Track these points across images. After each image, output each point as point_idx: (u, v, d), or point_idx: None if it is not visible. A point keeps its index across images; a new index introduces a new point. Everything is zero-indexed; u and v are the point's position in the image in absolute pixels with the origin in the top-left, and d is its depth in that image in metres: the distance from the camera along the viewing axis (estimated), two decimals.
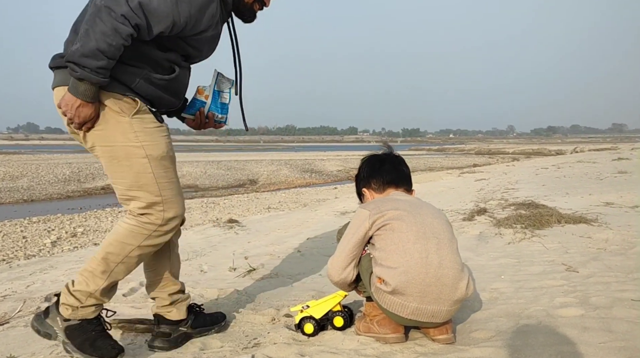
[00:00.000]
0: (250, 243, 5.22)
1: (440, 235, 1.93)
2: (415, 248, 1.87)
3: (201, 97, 2.15)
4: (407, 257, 1.87)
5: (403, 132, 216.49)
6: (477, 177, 14.16)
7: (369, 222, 1.99)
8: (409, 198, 2.14)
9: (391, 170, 2.26)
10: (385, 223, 1.97)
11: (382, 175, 2.25)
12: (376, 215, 1.99)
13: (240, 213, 10.26)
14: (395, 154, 2.38)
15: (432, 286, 1.85)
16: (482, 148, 65.50)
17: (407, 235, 1.90)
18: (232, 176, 21.81)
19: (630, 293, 2.55)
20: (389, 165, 2.28)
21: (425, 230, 1.92)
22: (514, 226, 4.62)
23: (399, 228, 1.93)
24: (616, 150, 31.70)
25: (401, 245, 1.89)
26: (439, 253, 1.88)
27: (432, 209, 2.09)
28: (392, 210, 1.99)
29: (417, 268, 1.85)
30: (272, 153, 52.17)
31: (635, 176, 9.83)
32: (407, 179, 2.29)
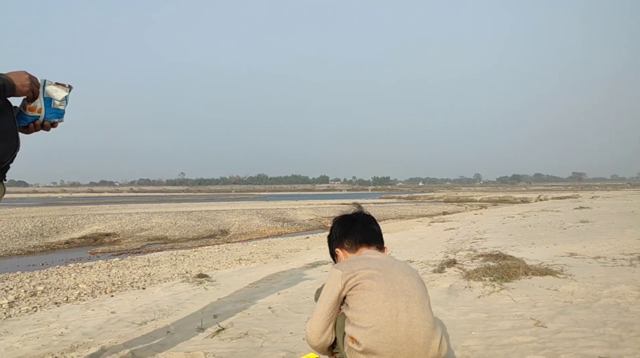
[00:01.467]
0: (219, 299, 5.08)
1: (410, 292, 1.93)
2: (385, 307, 1.87)
3: (33, 112, 2.05)
4: (377, 316, 1.86)
5: (373, 180, 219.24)
6: (447, 226, 14.36)
7: (341, 283, 1.99)
8: (380, 257, 2.16)
9: (362, 230, 2.29)
10: (357, 283, 1.97)
11: (353, 235, 2.27)
12: (348, 275, 2.00)
13: (210, 266, 10.03)
14: (366, 213, 2.41)
15: (403, 345, 1.83)
16: (450, 196, 66.85)
17: (378, 294, 1.90)
18: (203, 227, 21.44)
19: (598, 350, 2.59)
20: (360, 225, 2.31)
21: (395, 288, 1.92)
22: (483, 278, 4.67)
23: (370, 287, 1.93)
24: (577, 198, 32.94)
25: (371, 304, 1.89)
26: (409, 312, 1.87)
27: (404, 267, 2.11)
28: (363, 269, 2.00)
29: (387, 328, 1.84)
30: (243, 202, 51.83)
31: (597, 225, 10.18)
32: (379, 237, 2.32)
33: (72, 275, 9.11)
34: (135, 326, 4.11)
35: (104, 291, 7.18)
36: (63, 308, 5.72)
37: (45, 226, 19.16)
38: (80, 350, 3.39)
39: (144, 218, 23.32)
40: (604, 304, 3.59)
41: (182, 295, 5.52)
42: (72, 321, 4.64)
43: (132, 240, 17.36)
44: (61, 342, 3.78)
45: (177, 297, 5.46)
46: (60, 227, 19.19)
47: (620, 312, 3.35)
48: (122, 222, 21.27)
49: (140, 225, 20.82)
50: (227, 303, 4.74)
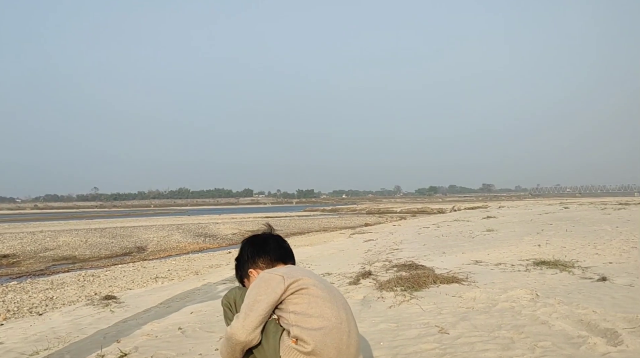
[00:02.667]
0: (126, 322, 4.79)
1: (346, 306, 2.01)
2: (332, 314, 1.91)
3: None
4: (325, 321, 1.89)
5: (298, 193, 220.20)
6: (366, 238, 14.73)
7: (284, 285, 1.95)
8: (302, 268, 2.17)
9: (277, 248, 2.27)
10: (301, 288, 1.94)
11: (269, 253, 2.23)
12: (290, 279, 1.97)
13: (123, 286, 9.46)
14: (276, 233, 2.40)
15: (343, 353, 1.88)
16: (372, 208, 68.79)
17: (324, 301, 1.93)
18: (117, 244, 20.25)
19: (491, 353, 2.75)
20: (273, 243, 2.28)
21: (337, 299, 1.98)
22: (394, 289, 4.81)
23: (316, 294, 1.94)
24: (486, 208, 35.29)
25: (319, 309, 1.91)
26: (349, 322, 1.95)
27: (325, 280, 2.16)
28: (305, 277, 2.00)
29: (334, 333, 1.88)
30: (163, 217, 49.73)
31: (500, 234, 10.94)
32: (292, 256, 2.32)
33: None
34: (24, 357, 3.74)
35: None
36: None
37: None
38: None
39: (49, 237, 21.60)
40: (501, 308, 3.84)
41: (84, 320, 5.14)
42: None
43: (35, 261, 15.93)
44: None
45: (78, 322, 5.06)
46: None
47: (514, 315, 3.60)
48: (23, 241, 19.55)
49: (45, 244, 19.23)
50: (133, 326, 4.47)
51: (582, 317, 3.38)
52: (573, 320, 3.35)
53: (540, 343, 2.85)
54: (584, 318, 3.32)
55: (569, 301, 3.88)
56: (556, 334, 3.02)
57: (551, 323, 3.25)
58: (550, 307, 3.70)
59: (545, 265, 5.83)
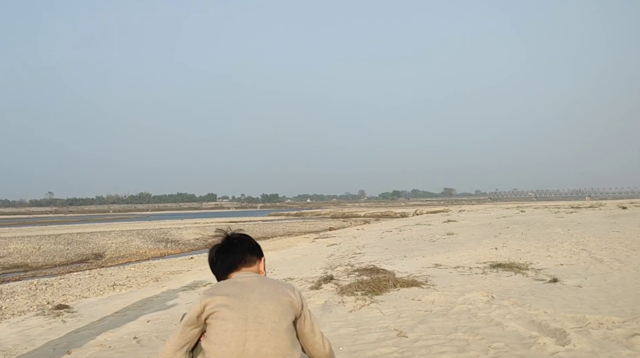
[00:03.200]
0: (78, 332, 4.60)
1: (263, 319, 1.90)
2: (233, 338, 1.83)
3: None
4: (223, 347, 1.82)
5: (262, 197, 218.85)
6: (330, 242, 14.77)
7: (200, 305, 1.93)
8: (247, 280, 2.10)
9: (225, 258, 2.22)
10: (213, 311, 1.92)
11: (217, 267, 2.19)
12: (207, 298, 1.94)
13: (78, 294, 9.12)
14: (231, 237, 2.35)
15: None
16: (337, 212, 69.10)
17: (228, 324, 1.86)
18: (73, 251, 19.53)
19: (447, 355, 2.80)
20: (222, 254, 2.23)
21: (247, 316, 1.89)
22: (355, 293, 4.84)
23: (224, 317, 1.89)
24: (447, 212, 36.11)
25: (220, 335, 1.85)
26: (258, 340, 1.84)
27: (267, 290, 2.06)
28: (222, 295, 1.95)
29: (236, 352, 1.80)
30: (123, 223, 48.33)
31: (460, 237, 11.21)
32: (243, 258, 2.25)
33: None
34: None
35: None
36: None
37: None
38: None
39: None
40: (458, 311, 3.92)
41: (34, 331, 4.91)
42: None
43: None
44: None
45: (27, 333, 4.83)
46: None
47: (470, 317, 3.68)
48: None
49: None
50: (86, 337, 4.31)
51: (534, 317, 3.49)
52: (525, 321, 3.45)
53: (494, 344, 2.93)
54: (536, 319, 3.43)
55: (522, 302, 4.01)
56: (509, 335, 3.11)
57: (505, 325, 3.34)
58: (505, 309, 3.81)
59: (501, 268, 6.01)
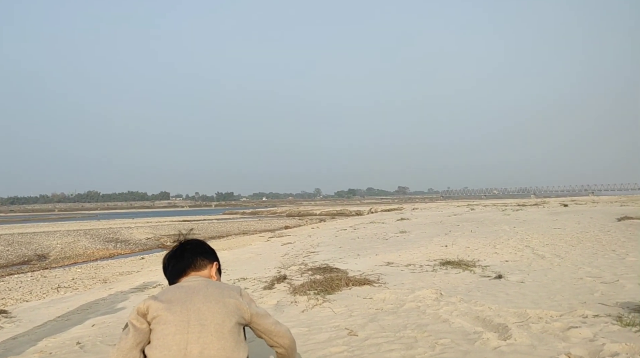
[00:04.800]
0: (16, 338, 4.38)
1: (206, 321, 1.89)
2: (174, 341, 1.82)
3: None
4: (164, 351, 1.81)
5: (217, 196, 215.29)
6: (284, 241, 14.75)
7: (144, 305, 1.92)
8: (193, 284, 2.08)
9: (175, 263, 2.23)
10: (156, 315, 1.91)
11: (168, 272, 2.24)
12: (150, 301, 1.94)
13: (19, 298, 8.68)
14: (184, 243, 2.33)
15: None
16: (292, 210, 69.12)
17: (169, 328, 1.85)
18: (14, 252, 18.58)
19: (396, 353, 2.86)
20: (173, 260, 2.25)
21: (190, 319, 1.88)
22: (308, 293, 4.85)
23: (165, 321, 1.88)
24: (401, 210, 36.87)
25: (162, 339, 1.84)
26: (200, 342, 1.84)
27: (212, 292, 2.04)
28: (165, 300, 1.94)
29: (178, 355, 1.79)
30: (69, 223, 46.35)
31: (412, 235, 11.47)
32: (192, 263, 2.23)
33: None
34: None
35: None
36: None
37: None
38: None
39: None
40: (407, 308, 4.02)
41: None
42: None
43: None
44: None
45: None
46: None
47: (419, 314, 3.78)
48: None
49: None
50: (24, 343, 4.10)
51: (479, 313, 3.62)
52: (471, 317, 3.58)
53: (441, 340, 3.02)
54: (481, 315, 3.57)
55: (469, 299, 4.15)
56: (455, 331, 3.22)
57: (452, 321, 3.46)
58: (452, 305, 3.94)
59: (450, 265, 6.20)
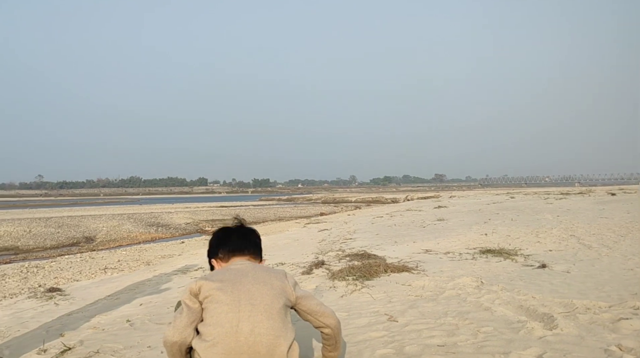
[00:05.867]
0: (71, 315, 4.62)
1: (256, 301, 1.95)
2: (227, 319, 1.88)
3: None
4: (217, 328, 1.87)
5: (254, 182, 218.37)
6: (321, 227, 14.84)
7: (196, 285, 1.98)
8: (241, 267, 2.14)
9: (237, 240, 2.30)
10: (208, 295, 1.97)
11: (227, 244, 2.28)
12: (202, 281, 1.99)
13: (70, 277, 9.12)
14: (247, 226, 2.42)
15: (244, 355, 1.84)
16: (328, 197, 69.32)
17: (222, 307, 1.91)
18: (64, 234, 19.44)
19: (437, 339, 2.85)
20: (235, 235, 2.32)
21: (240, 298, 1.94)
22: (346, 278, 4.88)
23: (218, 300, 1.94)
24: (438, 198, 36.36)
25: (216, 317, 1.90)
26: (251, 320, 1.89)
27: (261, 274, 2.10)
28: (216, 280, 1.99)
29: (227, 339, 1.85)
30: (113, 207, 48.12)
31: (450, 223, 11.31)
32: (254, 247, 2.33)
33: None
34: None
35: None
36: None
37: None
38: None
39: None
40: (448, 296, 3.98)
41: (26, 313, 4.92)
42: None
43: None
44: None
45: (19, 315, 4.84)
46: None
47: (460, 302, 3.74)
48: None
49: None
50: (79, 319, 4.33)
51: (522, 302, 3.55)
52: (514, 306, 3.52)
53: (483, 328, 2.98)
54: (524, 304, 3.50)
55: (511, 288, 4.07)
56: (498, 320, 3.17)
57: (494, 310, 3.40)
58: (494, 294, 3.87)
59: (490, 254, 6.09)
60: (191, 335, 1.94)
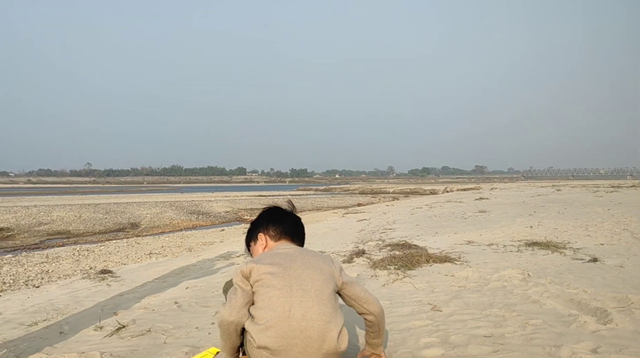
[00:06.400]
0: (122, 295, 4.83)
1: (307, 286, 1.95)
2: (279, 303, 1.90)
3: None
4: (270, 312, 1.89)
5: (291, 172, 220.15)
6: (359, 218, 14.82)
7: (247, 268, 2.01)
8: (289, 251, 2.15)
9: (292, 224, 2.32)
10: (259, 278, 1.99)
11: (282, 224, 2.28)
12: (253, 264, 2.01)
13: (118, 261, 9.51)
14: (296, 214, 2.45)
15: (296, 339, 1.86)
16: (365, 188, 69.03)
17: (273, 291, 1.93)
18: (111, 220, 20.25)
19: (483, 330, 2.81)
20: (291, 219, 2.35)
21: (292, 283, 1.94)
22: (388, 267, 4.87)
23: (269, 284, 1.95)
24: (479, 190, 35.55)
25: (267, 301, 1.92)
26: (303, 305, 1.90)
27: (309, 260, 2.09)
28: (267, 264, 2.01)
29: (280, 323, 1.86)
30: (156, 194, 49.70)
31: (492, 215, 11.05)
32: (302, 236, 2.37)
33: None
34: (24, 328, 3.78)
35: None
36: None
37: None
38: None
39: (43, 211, 21.54)
40: (493, 287, 3.91)
41: (82, 293, 5.18)
42: None
43: (29, 235, 15.96)
44: None
45: (75, 294, 5.10)
46: None
47: (506, 294, 3.67)
48: (18, 215, 19.49)
49: (39, 218, 19.21)
50: (130, 300, 4.52)
51: (573, 296, 3.45)
52: (564, 299, 3.42)
53: (532, 321, 2.92)
54: (575, 298, 3.39)
55: (560, 281, 3.96)
56: (547, 313, 3.09)
57: (542, 302, 3.32)
58: (542, 287, 3.77)
59: (537, 246, 5.92)
60: (246, 315, 1.97)
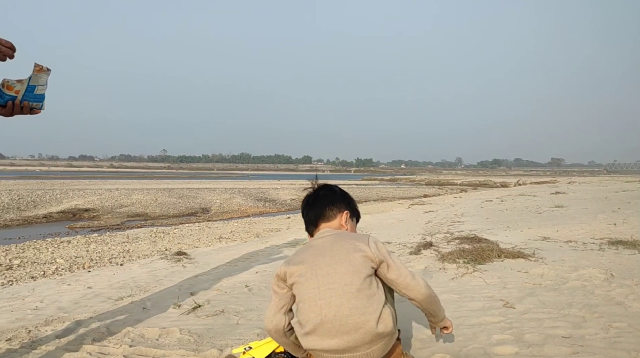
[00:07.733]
0: (197, 277, 5.10)
1: (334, 284, 1.91)
2: (310, 308, 1.91)
3: (10, 92, 1.88)
4: (305, 315, 1.92)
5: (357, 161, 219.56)
6: (426, 209, 14.55)
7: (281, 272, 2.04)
8: (320, 242, 2.08)
9: (307, 212, 2.25)
10: (293, 282, 2.00)
11: (304, 221, 2.26)
12: (285, 267, 2.03)
13: (190, 244, 10.02)
14: (316, 190, 2.30)
15: (335, 339, 1.86)
16: (432, 179, 67.49)
17: (304, 295, 1.95)
18: (184, 204, 21.30)
19: (561, 330, 2.69)
20: (306, 208, 2.26)
21: (319, 284, 1.92)
22: (457, 261, 4.76)
23: (301, 287, 1.97)
24: (555, 184, 33.61)
25: (301, 304, 1.95)
26: (333, 306, 1.87)
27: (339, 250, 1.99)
28: (297, 265, 2.01)
29: (315, 327, 1.89)
30: (225, 181, 51.54)
31: (571, 210, 10.42)
32: (322, 213, 2.20)
33: (50, 250, 9.02)
34: (111, 302, 4.11)
35: (81, 266, 7.14)
36: (39, 282, 5.67)
37: (23, 200, 18.80)
38: (54, 325, 3.38)
39: (124, 194, 23.07)
40: (571, 286, 3.71)
41: (160, 272, 5.52)
42: (47, 295, 4.61)
43: (112, 216, 17.20)
44: (35, 315, 3.76)
45: (154, 273, 5.45)
46: (38, 201, 18.85)
47: (586, 294, 3.47)
48: (102, 197, 21.02)
49: (120, 201, 20.61)
50: (204, 281, 4.76)
51: None
52: None
53: (616, 323, 2.75)
54: None
55: None
56: (633, 316, 2.89)
57: (627, 305, 3.11)
58: (627, 288, 3.53)
59: (621, 245, 5.53)
60: (282, 319, 2.02)
